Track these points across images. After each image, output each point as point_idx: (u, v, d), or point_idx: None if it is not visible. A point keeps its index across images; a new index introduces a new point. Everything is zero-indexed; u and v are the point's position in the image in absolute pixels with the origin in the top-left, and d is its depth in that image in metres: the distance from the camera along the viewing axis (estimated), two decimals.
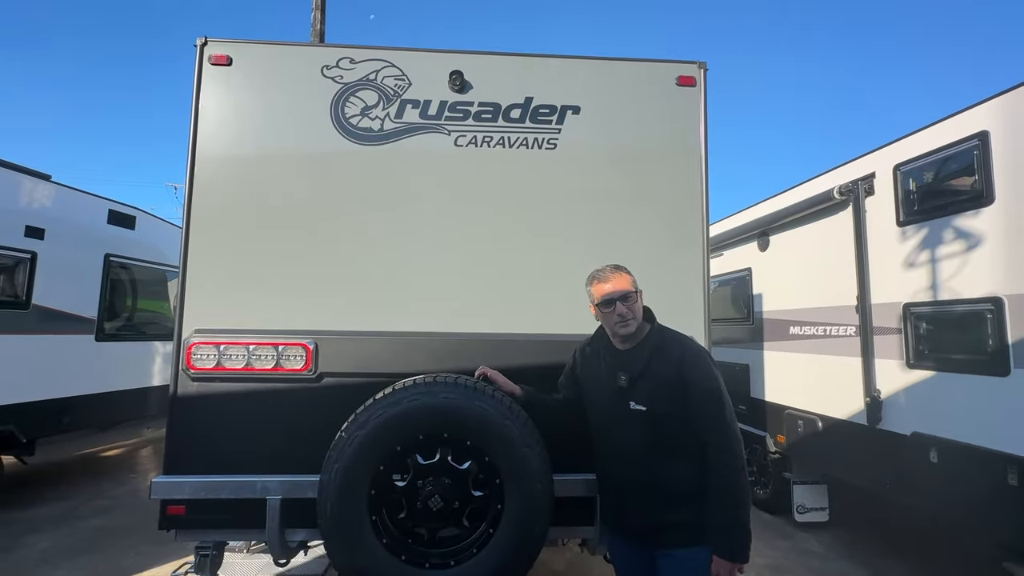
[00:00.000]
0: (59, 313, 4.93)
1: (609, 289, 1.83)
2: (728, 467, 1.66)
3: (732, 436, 1.69)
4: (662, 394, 1.73)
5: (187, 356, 2.32)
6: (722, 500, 1.66)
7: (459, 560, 1.97)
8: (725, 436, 1.69)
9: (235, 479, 2.24)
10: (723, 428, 1.69)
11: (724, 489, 1.66)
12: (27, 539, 4.20)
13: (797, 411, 4.44)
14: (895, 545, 4.35)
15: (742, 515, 1.66)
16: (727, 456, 1.67)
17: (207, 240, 2.43)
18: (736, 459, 1.68)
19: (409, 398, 1.97)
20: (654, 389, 1.75)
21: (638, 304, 1.84)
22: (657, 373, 1.76)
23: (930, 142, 3.33)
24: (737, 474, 1.67)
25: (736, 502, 1.66)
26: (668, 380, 1.74)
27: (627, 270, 1.90)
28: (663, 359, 1.77)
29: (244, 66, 2.54)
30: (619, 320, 1.81)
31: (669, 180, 2.60)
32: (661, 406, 1.73)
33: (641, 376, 1.77)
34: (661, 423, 1.73)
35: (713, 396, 1.71)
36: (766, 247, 5.05)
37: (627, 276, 1.88)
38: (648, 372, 1.77)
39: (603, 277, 1.88)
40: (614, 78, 2.65)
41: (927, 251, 3.30)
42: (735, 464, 1.67)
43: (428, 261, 2.47)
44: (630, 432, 1.77)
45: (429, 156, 2.52)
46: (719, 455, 1.67)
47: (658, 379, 1.75)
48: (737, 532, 1.65)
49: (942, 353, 3.21)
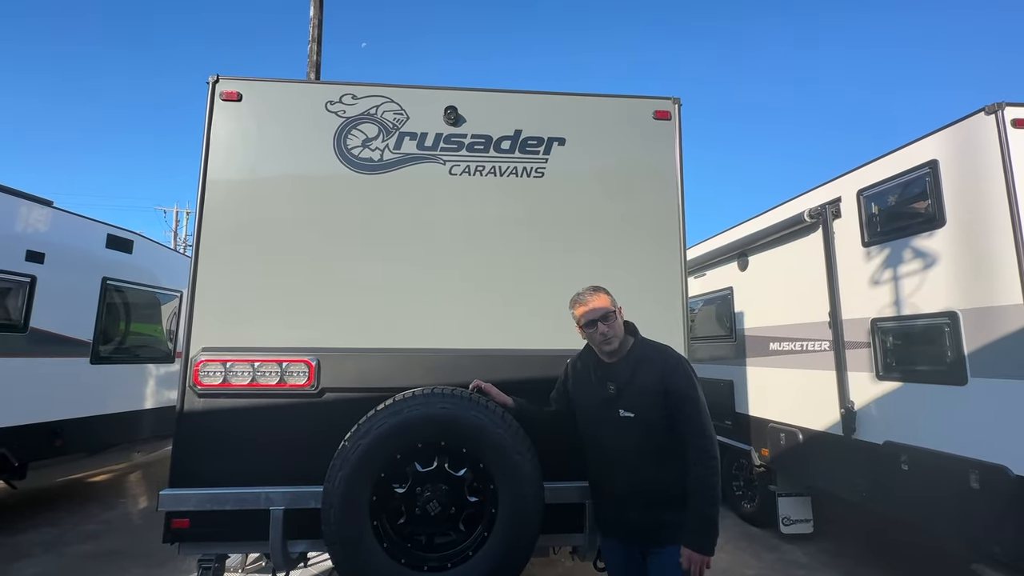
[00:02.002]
0: (56, 336, 4.98)
1: (589, 311, 1.97)
2: (702, 465, 1.79)
3: (706, 436, 1.83)
4: (647, 401, 1.88)
5: (194, 373, 2.43)
6: (696, 496, 1.78)
7: (456, 563, 2.08)
8: (700, 436, 1.82)
9: (239, 491, 2.33)
10: (699, 429, 1.83)
11: (698, 486, 1.78)
12: (15, 565, 4.16)
13: (779, 424, 4.60)
14: (876, 554, 4.47)
15: (713, 512, 1.78)
16: (701, 455, 1.80)
17: (215, 263, 2.57)
18: (709, 458, 1.80)
19: (409, 408, 2.11)
20: (640, 397, 1.89)
21: (618, 321, 1.98)
22: (642, 382, 1.90)
23: (888, 169, 3.60)
24: (710, 472, 1.79)
25: (709, 499, 1.78)
26: (652, 388, 1.88)
27: (605, 290, 2.04)
28: (646, 369, 1.92)
29: (253, 101, 2.73)
30: (602, 338, 1.96)
31: (648, 205, 2.81)
32: (648, 412, 1.87)
33: (628, 385, 1.92)
34: (649, 428, 1.87)
35: (690, 399, 1.86)
36: (745, 267, 5.29)
37: (605, 296, 2.01)
38: (634, 381, 1.91)
39: (583, 300, 2.01)
40: (596, 112, 2.88)
41: (890, 270, 3.54)
42: (709, 463, 1.80)
43: (424, 282, 2.63)
44: (621, 438, 1.91)
45: (426, 184, 2.71)
46: (695, 453, 1.81)
47: (643, 387, 1.89)
48: (708, 527, 1.78)
49: (907, 365, 3.42)
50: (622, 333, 1.99)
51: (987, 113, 2.94)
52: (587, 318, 1.98)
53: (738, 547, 4.65)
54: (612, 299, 2.02)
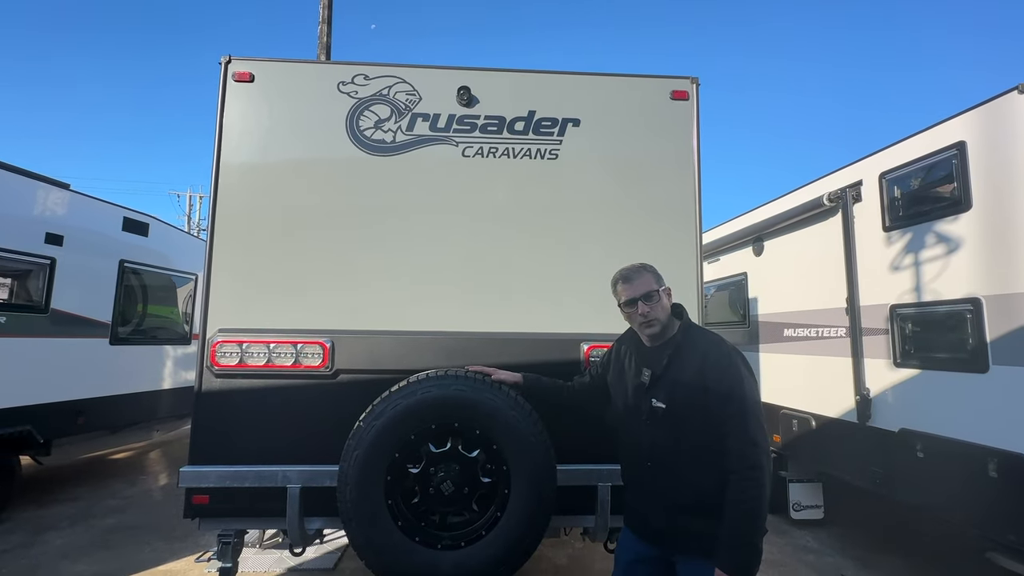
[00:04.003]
0: (76, 317, 5.08)
1: (631, 288, 1.81)
2: (742, 476, 1.55)
3: (752, 443, 1.57)
4: (683, 393, 1.68)
5: (212, 354, 2.47)
6: (734, 513, 1.53)
7: (469, 541, 2.11)
8: (743, 442, 1.57)
9: (257, 469, 2.38)
10: (742, 434, 1.58)
11: (738, 503, 1.54)
12: (45, 536, 4.32)
13: (792, 411, 4.57)
14: (887, 540, 4.46)
15: (752, 529, 1.53)
16: (742, 463, 1.55)
17: (231, 245, 2.58)
18: (751, 468, 1.54)
19: (423, 390, 2.12)
20: (675, 388, 1.70)
21: (662, 303, 1.80)
22: (680, 372, 1.71)
23: (912, 151, 3.50)
24: (751, 484, 1.54)
25: (748, 515, 1.53)
26: (690, 380, 1.68)
27: (651, 268, 1.86)
28: (685, 358, 1.72)
29: (265, 82, 2.72)
30: (642, 320, 1.79)
31: (664, 188, 2.76)
32: (681, 406, 1.68)
33: (664, 373, 1.74)
34: (683, 423, 1.68)
35: (734, 399, 1.61)
36: (761, 252, 5.21)
37: (650, 275, 1.83)
38: (670, 370, 1.73)
39: (626, 277, 1.84)
40: (612, 92, 2.82)
41: (911, 255, 3.46)
42: (751, 475, 1.54)
43: (437, 264, 2.63)
44: (652, 430, 1.73)
45: (439, 166, 2.69)
46: (735, 461, 1.56)
47: (680, 378, 1.70)
48: (746, 551, 1.52)
49: (926, 352, 3.36)
50: (665, 316, 1.81)
51: (1020, 92, 2.83)
52: (627, 296, 1.81)
53: None
54: (658, 278, 1.84)
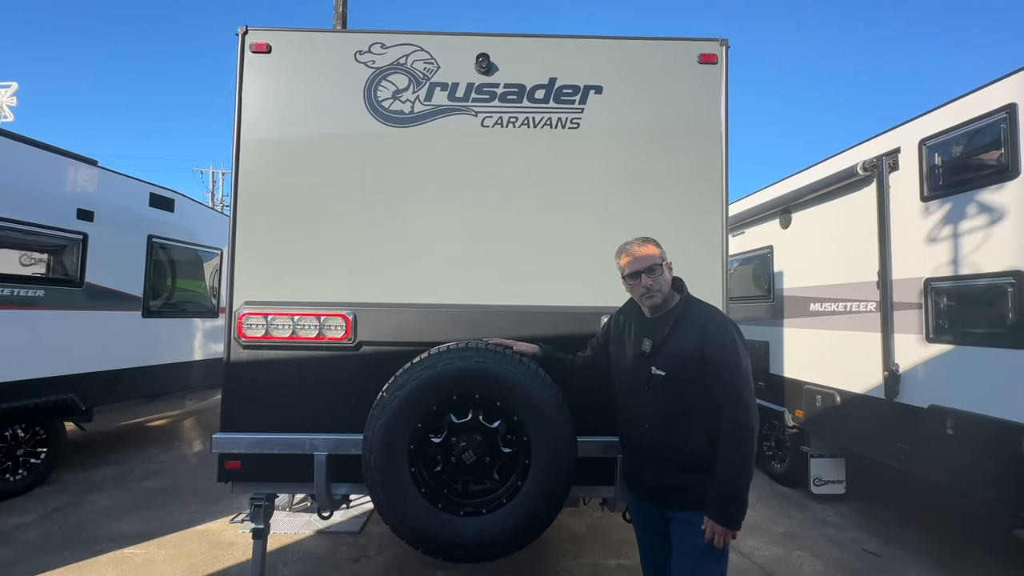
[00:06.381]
0: (109, 291, 5.26)
1: (634, 261, 1.89)
2: (732, 436, 1.70)
3: (742, 406, 1.71)
4: (681, 362, 1.79)
5: (238, 326, 2.52)
6: (724, 470, 1.70)
7: (491, 509, 2.15)
8: (735, 405, 1.71)
9: (285, 436, 2.46)
10: (734, 397, 1.72)
11: (725, 455, 1.70)
12: (90, 497, 4.60)
13: (816, 386, 4.50)
14: (909, 516, 4.42)
15: (738, 483, 1.69)
16: (733, 425, 1.70)
17: (253, 218, 2.60)
18: (741, 428, 1.70)
19: (444, 362, 2.14)
20: (674, 356, 1.81)
21: (664, 275, 1.88)
22: (679, 342, 1.81)
23: (957, 116, 3.30)
24: (740, 443, 1.69)
25: (735, 470, 1.69)
26: (688, 349, 1.79)
27: (654, 241, 1.94)
28: (686, 328, 1.82)
29: (282, 53, 2.69)
30: (645, 292, 1.87)
31: (690, 157, 2.67)
32: (680, 373, 1.78)
33: (664, 343, 1.84)
34: (680, 389, 1.79)
35: (728, 366, 1.74)
36: (788, 224, 5.05)
37: (653, 247, 1.91)
38: (671, 340, 1.83)
39: (629, 250, 1.92)
40: (636, 57, 2.71)
41: (950, 226, 3.31)
42: (740, 433, 1.69)
43: (457, 237, 2.61)
44: (650, 396, 1.84)
45: (458, 137, 2.65)
46: (728, 424, 1.71)
47: (679, 348, 1.81)
48: (731, 498, 1.69)
49: (961, 327, 3.25)
50: (667, 288, 1.90)
51: None
52: (631, 269, 1.89)
53: (768, 505, 4.68)
54: (662, 251, 1.92)
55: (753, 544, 3.86)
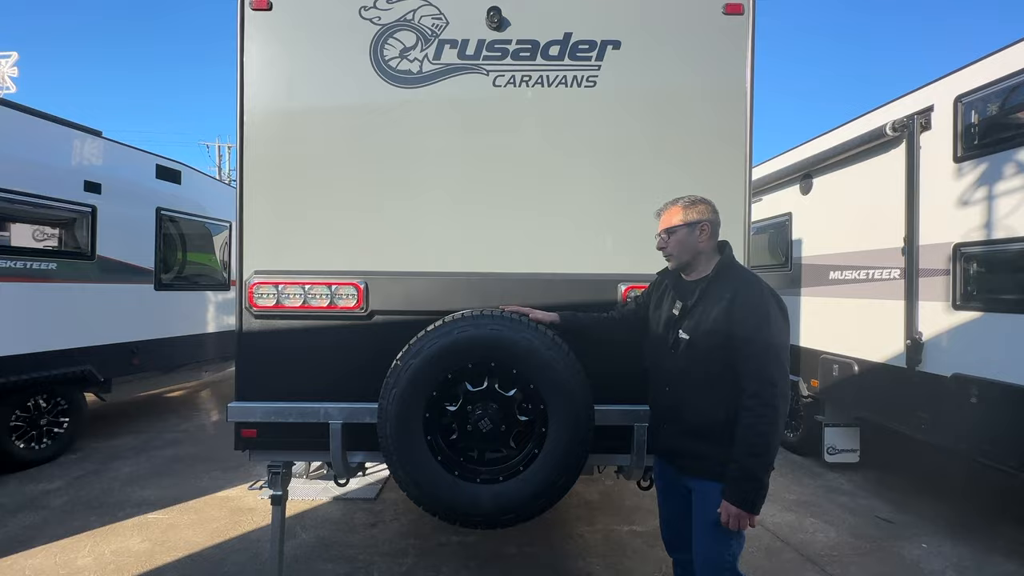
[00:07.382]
0: (121, 264, 5.26)
1: (659, 223, 1.94)
2: (753, 412, 1.62)
3: (768, 382, 1.62)
4: (706, 328, 1.74)
5: (250, 295, 2.48)
6: (743, 449, 1.62)
7: (507, 476, 2.14)
8: (758, 381, 1.63)
9: (300, 405, 2.45)
10: (759, 373, 1.63)
11: (745, 433, 1.62)
12: (113, 464, 4.71)
13: (833, 356, 4.43)
14: (923, 484, 4.41)
15: (756, 464, 1.62)
16: (754, 401, 1.62)
17: (260, 185, 2.53)
18: (763, 406, 1.61)
19: (458, 330, 2.09)
20: (701, 321, 1.77)
21: (686, 238, 1.85)
22: (707, 308, 1.77)
23: (997, 70, 3.10)
24: (762, 421, 1.61)
25: (754, 450, 1.62)
26: (715, 317, 1.73)
27: (683, 203, 1.89)
28: (713, 295, 1.77)
29: (284, 9, 2.55)
30: (662, 251, 1.92)
31: (712, 116, 2.53)
32: (705, 339, 1.74)
33: (693, 307, 1.81)
34: (703, 355, 1.75)
35: (755, 342, 1.65)
36: (808, 190, 4.89)
37: (677, 210, 1.88)
38: (699, 305, 1.80)
39: (659, 211, 1.97)
40: (656, 7, 2.55)
41: (984, 188, 3.16)
42: (762, 411, 1.61)
43: (468, 201, 2.53)
44: (674, 359, 1.83)
45: (468, 98, 2.53)
46: (748, 399, 1.63)
47: (706, 314, 1.76)
48: (749, 481, 1.62)
49: (992, 294, 3.14)
50: (687, 253, 1.87)
51: None
52: (658, 229, 1.94)
53: (781, 473, 4.68)
54: (687, 213, 1.86)
55: (765, 511, 3.84)
